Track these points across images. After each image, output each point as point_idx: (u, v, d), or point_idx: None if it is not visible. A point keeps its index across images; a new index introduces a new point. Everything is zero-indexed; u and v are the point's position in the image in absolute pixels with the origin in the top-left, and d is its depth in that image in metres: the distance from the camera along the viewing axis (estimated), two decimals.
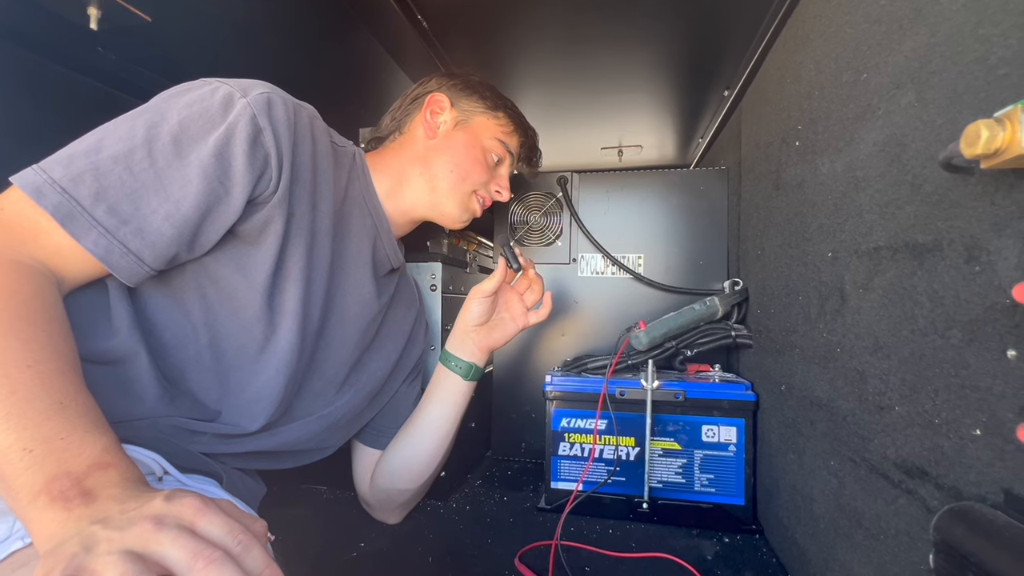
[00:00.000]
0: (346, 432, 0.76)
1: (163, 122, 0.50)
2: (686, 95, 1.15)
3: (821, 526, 0.61)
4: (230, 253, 0.57)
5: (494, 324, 0.81)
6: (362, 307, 0.72)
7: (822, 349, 0.60)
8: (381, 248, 0.74)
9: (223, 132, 0.51)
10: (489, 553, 0.75)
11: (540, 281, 0.82)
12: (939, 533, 0.36)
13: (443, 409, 0.79)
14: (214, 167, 0.50)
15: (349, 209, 0.69)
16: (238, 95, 0.53)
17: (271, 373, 0.60)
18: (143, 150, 0.48)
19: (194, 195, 0.50)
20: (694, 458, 0.86)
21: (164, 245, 0.50)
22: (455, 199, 0.76)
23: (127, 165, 0.48)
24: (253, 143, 0.52)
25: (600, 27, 0.87)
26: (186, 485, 0.50)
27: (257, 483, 0.68)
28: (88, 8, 0.66)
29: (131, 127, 0.49)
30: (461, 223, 0.79)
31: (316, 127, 0.63)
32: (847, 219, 0.55)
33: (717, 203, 1.06)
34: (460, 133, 0.76)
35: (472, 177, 0.76)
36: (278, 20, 0.80)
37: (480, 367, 0.80)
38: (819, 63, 0.63)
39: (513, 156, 0.82)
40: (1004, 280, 0.34)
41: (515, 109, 0.82)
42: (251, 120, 0.52)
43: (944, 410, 0.40)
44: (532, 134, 0.86)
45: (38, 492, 0.34)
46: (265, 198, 0.55)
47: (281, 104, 0.56)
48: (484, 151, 0.77)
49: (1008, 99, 0.33)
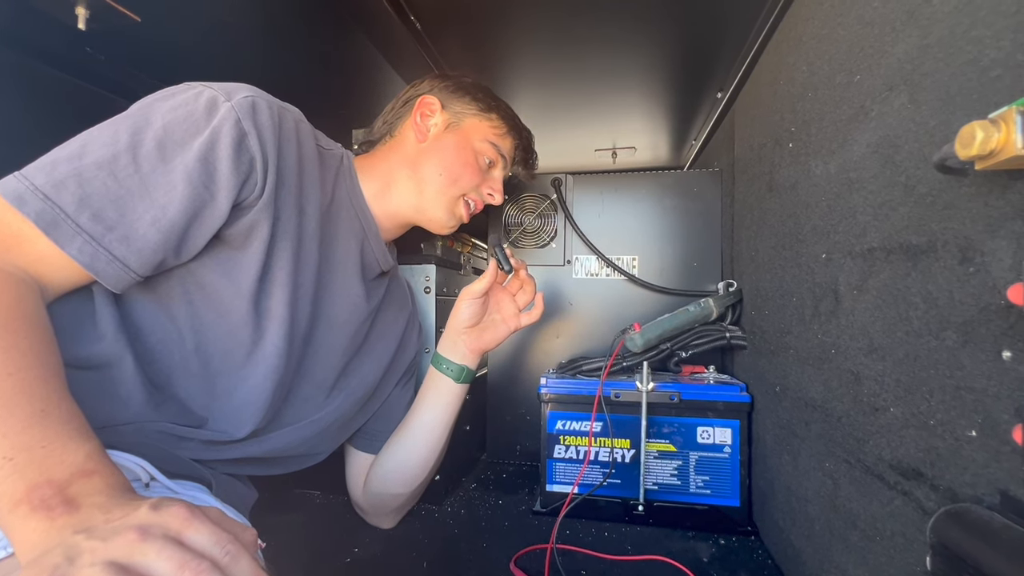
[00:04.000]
0: (337, 438, 0.75)
1: (147, 127, 0.49)
2: (679, 97, 1.15)
3: (816, 528, 0.61)
4: (217, 257, 0.56)
5: (485, 326, 0.80)
6: (351, 311, 0.71)
7: (816, 350, 0.61)
8: (369, 251, 0.73)
9: (208, 137, 0.50)
10: (484, 557, 0.74)
11: (532, 282, 0.80)
12: (936, 535, 0.36)
13: (435, 412, 0.79)
14: (199, 172, 0.50)
15: (336, 212, 0.69)
16: (222, 99, 0.52)
17: (259, 379, 0.59)
18: (127, 156, 0.48)
19: (180, 200, 0.49)
20: (689, 460, 0.86)
21: (150, 251, 0.49)
22: (442, 203, 0.74)
23: (111, 171, 0.47)
24: (238, 147, 0.52)
25: (594, 29, 0.87)
26: (174, 491, 0.49)
27: (248, 488, 0.67)
28: (76, 8, 0.65)
29: (114, 132, 0.49)
30: (448, 229, 0.77)
31: (301, 130, 0.62)
32: (841, 220, 0.55)
33: (711, 205, 1.06)
34: (450, 136, 0.75)
35: (461, 181, 0.74)
36: (269, 21, 0.79)
37: (472, 369, 0.80)
38: (812, 65, 0.63)
39: (506, 159, 0.80)
40: (998, 281, 0.34)
41: (509, 111, 0.80)
42: (236, 124, 0.52)
43: (939, 411, 0.40)
44: (527, 136, 0.84)
45: (19, 501, 0.33)
46: (251, 202, 0.55)
47: (266, 107, 0.55)
48: (475, 154, 0.76)
49: (1002, 101, 0.33)
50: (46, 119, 0.72)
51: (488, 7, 0.82)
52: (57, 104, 0.75)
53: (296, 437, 0.66)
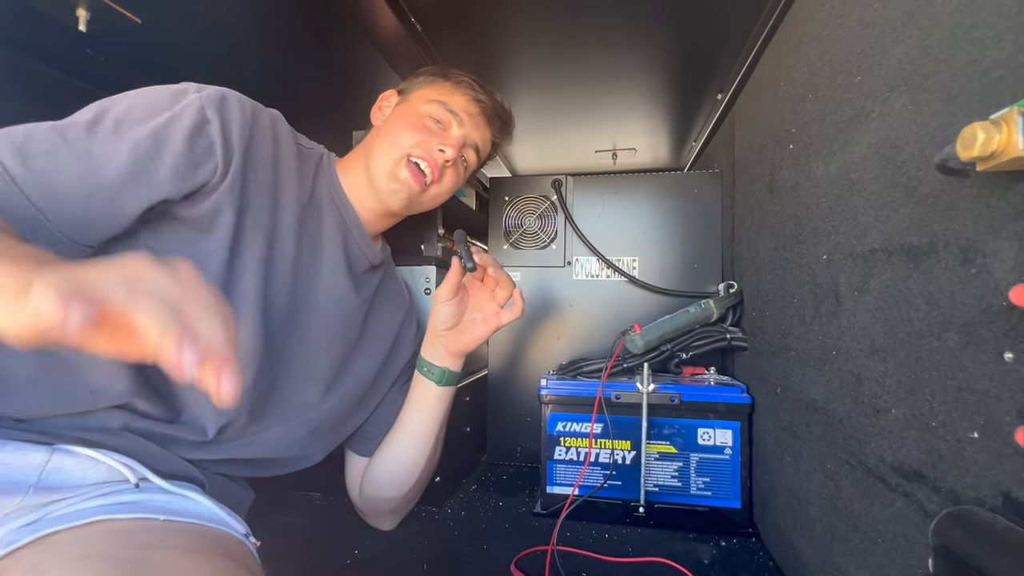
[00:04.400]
0: (331, 440, 0.75)
1: (112, 108, 0.52)
2: (679, 99, 1.15)
3: (818, 529, 0.60)
4: (179, 239, 0.57)
5: (464, 326, 0.77)
6: (337, 302, 0.71)
7: (817, 351, 0.60)
8: (353, 243, 0.74)
9: (166, 118, 0.53)
10: (485, 559, 0.74)
11: (505, 277, 0.75)
12: (938, 537, 0.36)
13: (421, 416, 0.78)
14: (147, 145, 0.52)
15: (318, 206, 0.70)
16: (193, 90, 0.55)
17: None
18: (83, 127, 0.50)
19: (118, 164, 0.50)
20: (690, 461, 0.86)
21: (71, 203, 0.48)
22: (384, 168, 0.70)
23: (61, 133, 0.49)
24: (196, 131, 0.54)
25: (593, 31, 0.87)
26: (167, 490, 0.49)
27: (244, 489, 0.67)
28: (77, 9, 0.65)
29: (82, 111, 0.51)
30: (396, 195, 0.71)
31: (279, 129, 0.65)
32: (842, 222, 0.55)
33: (711, 206, 1.06)
34: (397, 110, 0.76)
35: (399, 138, 0.70)
36: (268, 21, 0.79)
37: (455, 371, 0.78)
38: (812, 66, 0.63)
39: (460, 115, 0.74)
40: (1000, 282, 0.34)
41: (464, 77, 0.76)
42: (199, 110, 0.54)
43: (941, 413, 0.39)
44: (486, 94, 0.77)
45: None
46: (212, 186, 0.56)
47: (236, 102, 0.58)
48: (419, 116, 0.72)
49: (1003, 102, 0.33)
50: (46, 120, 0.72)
51: (488, 9, 0.82)
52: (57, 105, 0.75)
53: (288, 438, 0.66)
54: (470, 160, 0.78)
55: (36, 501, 0.43)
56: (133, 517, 0.43)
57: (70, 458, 0.48)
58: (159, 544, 0.42)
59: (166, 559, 0.40)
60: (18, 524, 0.39)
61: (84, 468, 0.48)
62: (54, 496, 0.44)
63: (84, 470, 0.48)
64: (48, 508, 0.42)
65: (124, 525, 0.42)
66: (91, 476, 0.49)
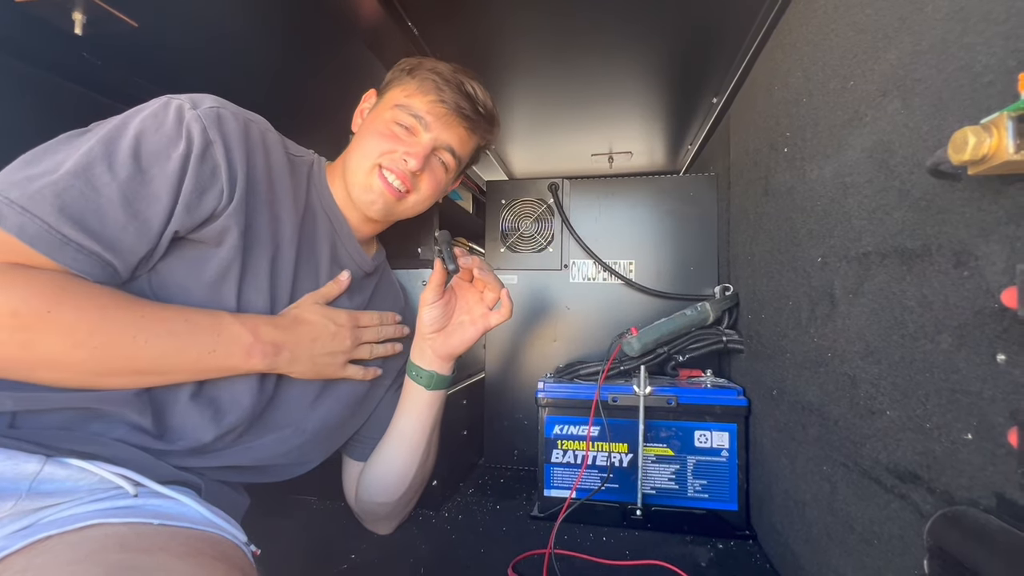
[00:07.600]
0: (327, 445, 0.74)
1: (120, 137, 0.52)
2: (675, 102, 1.16)
3: (814, 531, 0.61)
4: (184, 257, 0.58)
5: (452, 329, 0.75)
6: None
7: (813, 354, 0.61)
8: (342, 249, 0.74)
9: (183, 148, 0.54)
10: (482, 562, 0.74)
11: (492, 278, 0.73)
12: (933, 538, 0.36)
13: (411, 420, 0.77)
14: (176, 183, 0.53)
15: (312, 215, 0.70)
16: (188, 107, 0.55)
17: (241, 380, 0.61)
18: (102, 164, 0.50)
19: (163, 212, 0.53)
20: (687, 464, 0.86)
21: (136, 258, 0.53)
22: (358, 179, 0.70)
23: (87, 179, 0.49)
24: (202, 157, 0.55)
25: (589, 35, 0.88)
26: (164, 495, 0.49)
27: (240, 495, 0.66)
28: (73, 13, 0.65)
29: (89, 146, 0.50)
30: (372, 206, 0.71)
31: (268, 139, 0.64)
32: (836, 225, 0.55)
33: (707, 209, 1.07)
34: (370, 116, 0.75)
35: (367, 149, 0.70)
36: (265, 26, 0.79)
37: (443, 375, 0.77)
38: (806, 71, 0.64)
39: (424, 118, 0.71)
40: (992, 285, 0.34)
41: (433, 74, 0.72)
42: (202, 132, 0.55)
43: (935, 414, 0.40)
44: (452, 89, 0.72)
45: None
46: (220, 211, 0.57)
47: (231, 118, 0.58)
48: (385, 123, 0.71)
49: (993, 106, 0.33)
50: (43, 124, 0.72)
51: (484, 13, 0.83)
52: (54, 109, 0.75)
53: (283, 446, 0.66)
54: (448, 162, 0.75)
55: (29, 506, 0.43)
56: (127, 522, 0.43)
57: (63, 469, 0.47)
58: (153, 548, 0.41)
59: (160, 563, 0.40)
60: (11, 529, 0.39)
61: (77, 478, 0.48)
62: (47, 501, 0.44)
63: (76, 480, 0.48)
64: (41, 513, 0.42)
65: (118, 530, 0.42)
66: (84, 484, 0.48)
